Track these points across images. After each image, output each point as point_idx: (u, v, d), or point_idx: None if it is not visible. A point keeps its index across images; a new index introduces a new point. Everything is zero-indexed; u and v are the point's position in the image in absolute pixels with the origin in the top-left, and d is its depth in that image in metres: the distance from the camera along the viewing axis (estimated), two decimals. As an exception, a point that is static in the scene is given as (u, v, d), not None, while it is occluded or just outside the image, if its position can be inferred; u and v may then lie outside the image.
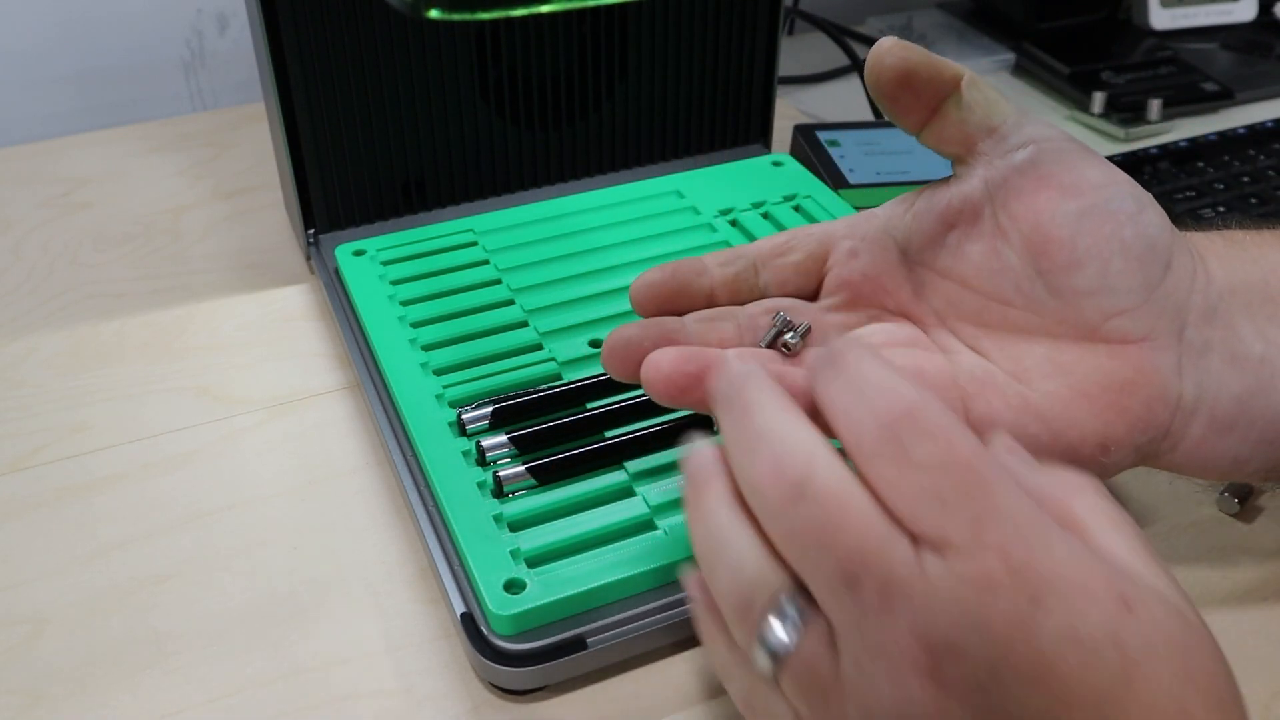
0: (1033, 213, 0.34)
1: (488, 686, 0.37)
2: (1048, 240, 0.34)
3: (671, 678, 0.37)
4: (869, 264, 0.37)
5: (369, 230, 0.56)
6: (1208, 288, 0.34)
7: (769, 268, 0.38)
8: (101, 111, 0.75)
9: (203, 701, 0.36)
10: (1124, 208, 0.34)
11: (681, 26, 0.58)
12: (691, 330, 0.36)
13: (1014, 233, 0.34)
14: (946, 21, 0.85)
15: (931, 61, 0.34)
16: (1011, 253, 0.35)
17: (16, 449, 0.46)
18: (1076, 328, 0.34)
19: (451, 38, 0.53)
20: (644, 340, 0.34)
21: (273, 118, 0.53)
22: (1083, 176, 0.34)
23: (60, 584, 0.40)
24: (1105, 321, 0.34)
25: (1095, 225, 0.33)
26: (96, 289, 0.56)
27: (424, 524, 0.40)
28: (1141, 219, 0.34)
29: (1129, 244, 0.33)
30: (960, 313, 0.36)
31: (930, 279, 0.37)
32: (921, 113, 0.35)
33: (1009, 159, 0.35)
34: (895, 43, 0.34)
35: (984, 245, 0.35)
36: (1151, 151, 0.65)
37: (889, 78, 0.34)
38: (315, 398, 0.49)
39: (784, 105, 0.72)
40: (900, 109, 0.35)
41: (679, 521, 0.38)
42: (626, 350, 0.34)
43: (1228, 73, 0.76)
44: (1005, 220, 0.35)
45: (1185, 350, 0.34)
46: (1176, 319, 0.34)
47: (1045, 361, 0.34)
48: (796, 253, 0.38)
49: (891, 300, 0.37)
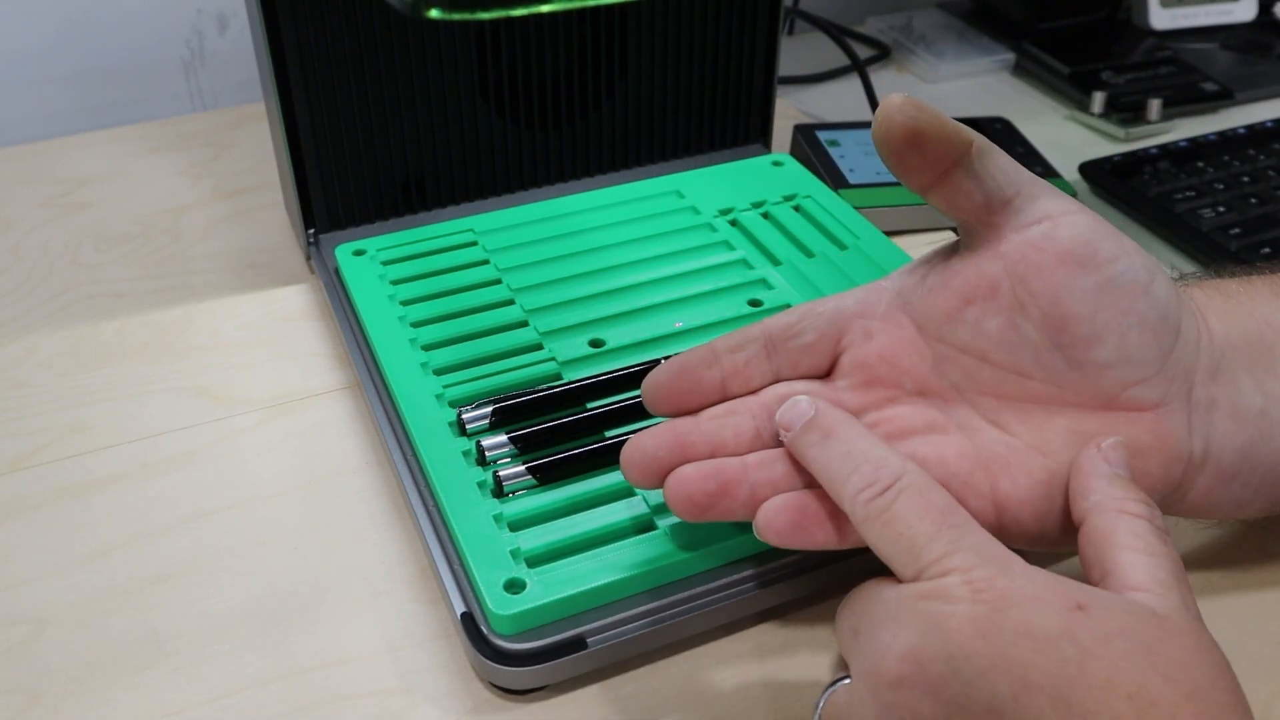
0: (1051, 289, 0.34)
1: (488, 686, 0.37)
2: (1067, 316, 0.34)
3: (671, 678, 0.37)
4: (885, 344, 0.37)
5: (369, 230, 0.56)
6: (1211, 347, 0.35)
7: (780, 351, 0.37)
8: (101, 111, 0.75)
9: (203, 701, 0.36)
10: (1138, 280, 0.34)
11: (681, 26, 0.58)
12: (707, 430, 0.36)
13: (1033, 308, 0.34)
14: (946, 21, 0.85)
15: (942, 124, 0.33)
16: (1031, 327, 0.35)
17: (16, 449, 0.46)
18: (1095, 398, 0.34)
19: (451, 38, 0.53)
20: (658, 450, 0.35)
21: (273, 118, 0.53)
22: (1097, 250, 0.34)
23: (60, 584, 0.40)
24: (1123, 391, 0.34)
25: (1112, 300, 0.34)
26: (96, 289, 0.56)
27: (424, 524, 0.40)
28: (1153, 289, 0.34)
29: (1144, 316, 0.34)
30: (979, 386, 0.36)
31: (948, 354, 0.36)
32: (929, 175, 0.34)
33: (1026, 234, 0.34)
34: (905, 100, 0.33)
35: (1003, 320, 0.35)
36: (1151, 151, 0.65)
37: (897, 136, 0.33)
38: (315, 398, 0.49)
39: (784, 105, 0.72)
40: (907, 170, 0.34)
41: (679, 521, 0.38)
42: (645, 463, 0.35)
43: (1228, 73, 0.76)
44: (1024, 296, 0.34)
45: (1194, 409, 0.35)
46: (1186, 381, 0.34)
47: (1066, 432, 0.35)
48: (808, 334, 0.37)
49: (909, 379, 0.37)
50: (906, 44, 0.81)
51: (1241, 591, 0.40)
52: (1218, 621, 0.32)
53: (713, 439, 0.36)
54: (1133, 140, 0.70)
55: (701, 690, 0.36)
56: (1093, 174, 0.64)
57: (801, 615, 0.39)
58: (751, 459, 0.35)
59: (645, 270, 0.51)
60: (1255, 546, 0.41)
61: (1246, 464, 0.35)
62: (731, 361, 0.37)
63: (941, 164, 0.34)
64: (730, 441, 0.36)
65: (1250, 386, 0.35)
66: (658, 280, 0.50)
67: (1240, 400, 0.35)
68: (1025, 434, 0.35)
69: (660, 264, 0.51)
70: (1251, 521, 0.42)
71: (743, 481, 0.34)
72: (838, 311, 0.37)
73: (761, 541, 0.37)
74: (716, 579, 0.37)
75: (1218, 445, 0.35)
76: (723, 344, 0.37)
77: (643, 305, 0.49)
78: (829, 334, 0.37)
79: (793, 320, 0.37)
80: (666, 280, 0.50)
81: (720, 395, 0.37)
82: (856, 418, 0.35)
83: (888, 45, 0.82)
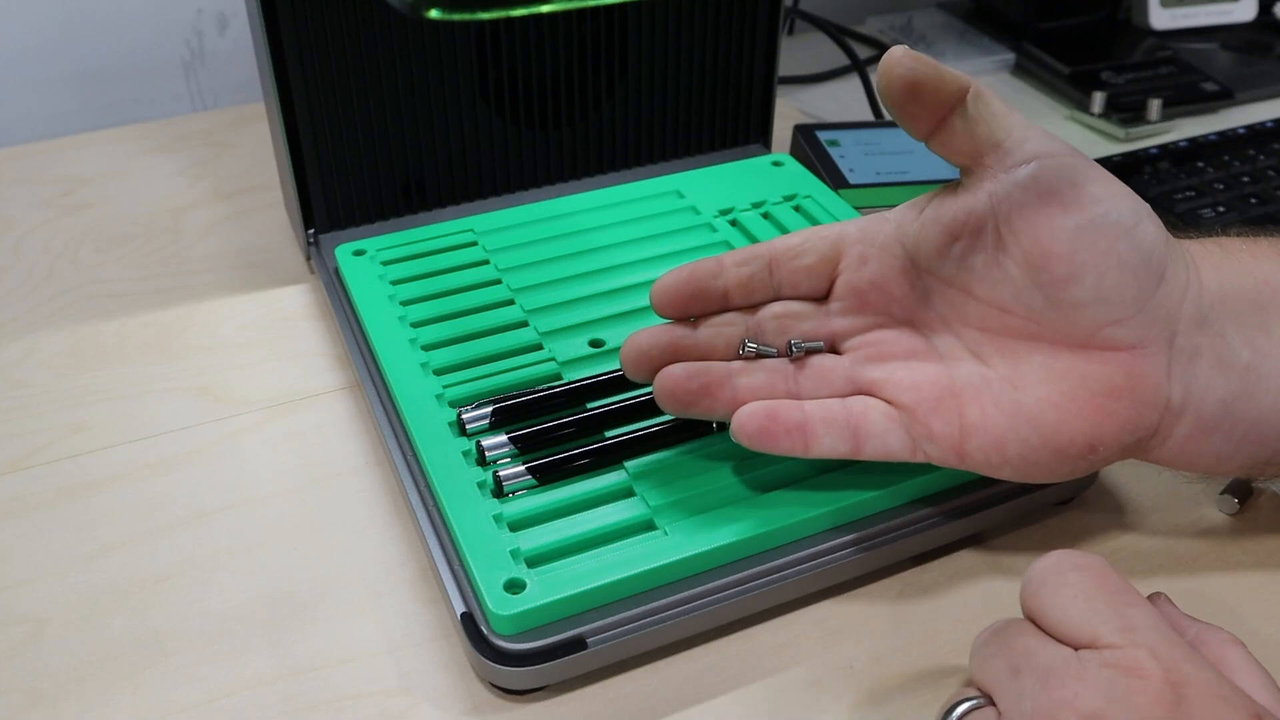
0: (1033, 228, 0.35)
1: (488, 686, 0.37)
2: (1046, 255, 0.35)
3: (671, 678, 0.37)
4: (877, 271, 0.39)
5: (369, 230, 0.56)
6: (1200, 296, 0.36)
7: (782, 269, 0.39)
8: (101, 111, 0.75)
9: (203, 701, 0.36)
10: (1122, 221, 0.35)
11: (681, 26, 0.58)
12: (701, 337, 0.39)
13: (1015, 247, 0.36)
14: (946, 21, 0.85)
15: (939, 73, 0.35)
16: (1012, 265, 0.36)
17: (16, 449, 0.46)
18: (1072, 336, 0.36)
19: (451, 38, 0.53)
20: (653, 349, 0.38)
21: (273, 118, 0.53)
22: (1083, 191, 0.35)
23: (60, 584, 0.40)
24: (1099, 330, 0.35)
25: (1092, 240, 0.35)
26: (96, 289, 0.56)
27: (424, 524, 0.40)
28: (1138, 232, 0.35)
29: (1125, 257, 0.35)
30: (964, 319, 0.38)
31: (936, 286, 0.38)
32: (928, 122, 0.36)
33: (1013, 174, 0.36)
34: (905, 53, 0.35)
35: (986, 257, 0.37)
36: (1151, 151, 0.65)
37: (897, 87, 0.35)
38: (315, 398, 0.49)
39: (784, 105, 0.72)
40: (907, 117, 0.36)
41: (679, 521, 0.38)
42: (638, 358, 0.38)
43: (1227, 73, 0.76)
44: (1007, 234, 0.36)
45: (1175, 356, 0.35)
46: (1168, 327, 0.35)
47: (1041, 368, 0.36)
48: (809, 255, 0.39)
49: (897, 306, 0.39)
50: (906, 44, 0.81)
51: (1241, 591, 0.40)
52: (1218, 621, 0.32)
53: (705, 345, 0.39)
54: (1133, 140, 0.70)
55: (701, 690, 0.36)
56: (1093, 174, 0.64)
57: (801, 616, 0.39)
58: (736, 365, 0.38)
59: (645, 270, 0.51)
60: (1255, 546, 0.41)
61: (1228, 417, 0.36)
62: (736, 275, 0.39)
63: (940, 111, 0.36)
64: (721, 349, 0.39)
65: (1239, 340, 0.36)
66: (658, 280, 0.50)
67: (1226, 352, 0.35)
68: (1002, 367, 0.37)
69: (660, 264, 0.51)
70: (1248, 520, 0.42)
71: (725, 384, 0.38)
72: (839, 237, 0.39)
73: (761, 540, 0.38)
74: (716, 579, 0.37)
75: (1198, 394, 0.35)
76: (730, 258, 0.39)
77: (643, 305, 0.49)
78: (829, 257, 0.39)
79: (797, 242, 0.40)
80: (666, 280, 0.50)
81: (722, 305, 0.39)
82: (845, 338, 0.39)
83: (888, 45, 0.82)
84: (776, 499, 0.39)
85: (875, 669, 0.37)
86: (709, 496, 0.39)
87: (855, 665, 0.37)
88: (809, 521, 0.38)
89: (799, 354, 0.39)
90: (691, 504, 0.39)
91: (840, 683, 0.37)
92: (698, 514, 0.38)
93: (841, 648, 0.38)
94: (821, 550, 0.38)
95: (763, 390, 0.38)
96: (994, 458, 0.36)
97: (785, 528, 0.38)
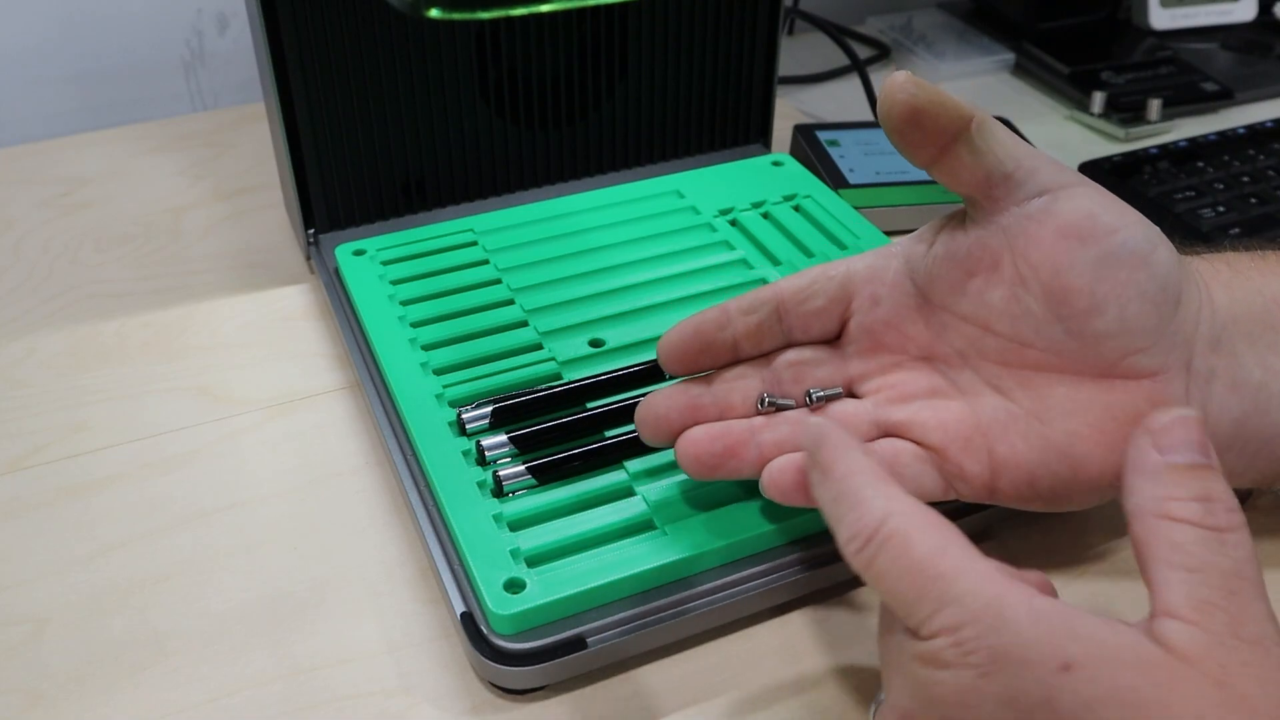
0: (1051, 261, 0.35)
1: (488, 686, 0.37)
2: (1067, 289, 0.35)
3: (671, 678, 0.37)
4: (891, 311, 0.38)
5: (369, 230, 0.56)
6: (1213, 318, 0.35)
7: (791, 314, 0.38)
8: (101, 111, 0.75)
9: (203, 701, 0.36)
10: (1138, 251, 0.34)
11: (681, 26, 0.58)
12: (717, 394, 0.38)
13: (1034, 281, 0.35)
14: (946, 21, 0.85)
15: (941, 101, 0.34)
16: (1032, 299, 0.35)
17: (16, 449, 0.46)
18: (1095, 366, 0.35)
19: (451, 38, 0.53)
20: (670, 412, 0.37)
21: (273, 118, 0.53)
22: (1097, 222, 0.34)
23: (60, 584, 0.40)
24: (1122, 360, 0.35)
25: (1112, 272, 0.34)
26: (96, 289, 0.56)
27: (424, 524, 0.40)
28: (1154, 260, 0.34)
29: (1144, 287, 0.34)
30: (982, 353, 0.37)
31: (951, 322, 0.37)
32: (930, 150, 0.35)
33: (1025, 208, 0.35)
34: (906, 79, 0.34)
35: (1005, 292, 0.36)
36: (1151, 151, 0.65)
37: (898, 114, 0.34)
38: (315, 398, 0.49)
39: (784, 105, 0.72)
40: (908, 145, 0.35)
41: (679, 521, 0.38)
42: (656, 424, 0.37)
43: (1227, 73, 0.76)
44: (1025, 269, 0.35)
45: (1193, 379, 0.35)
46: (1185, 350, 0.35)
47: (1065, 400, 0.35)
48: (818, 298, 0.38)
49: (913, 345, 0.38)
50: (906, 44, 0.81)
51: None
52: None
53: (722, 402, 0.38)
54: (1133, 140, 0.70)
55: (701, 690, 0.36)
56: (1093, 174, 0.64)
57: (801, 616, 0.39)
58: (758, 421, 0.37)
59: (645, 270, 0.51)
60: (1255, 546, 0.41)
61: (1241, 435, 0.35)
62: (744, 324, 0.38)
63: (941, 139, 0.35)
64: (739, 404, 0.38)
65: (1251, 360, 0.35)
66: (658, 280, 0.50)
67: (1240, 372, 0.35)
68: (1025, 400, 0.36)
69: (660, 264, 0.51)
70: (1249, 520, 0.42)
71: (749, 443, 0.36)
72: (848, 276, 0.39)
73: (761, 540, 0.38)
74: (716, 579, 0.37)
75: (1214, 415, 0.35)
76: (735, 306, 0.38)
77: (643, 305, 0.49)
78: (838, 298, 0.38)
79: (804, 284, 0.39)
80: (666, 280, 0.50)
81: (732, 356, 0.38)
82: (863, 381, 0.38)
83: (888, 45, 0.82)
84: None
85: (876, 668, 0.37)
86: (709, 496, 0.39)
87: (855, 665, 0.37)
88: (809, 521, 0.38)
89: (819, 404, 0.38)
90: (691, 504, 0.39)
91: (840, 683, 0.37)
92: (698, 514, 0.38)
93: (841, 648, 0.38)
94: (822, 550, 0.38)
95: (788, 444, 0.36)
96: (1025, 492, 0.35)
97: (785, 527, 0.38)
